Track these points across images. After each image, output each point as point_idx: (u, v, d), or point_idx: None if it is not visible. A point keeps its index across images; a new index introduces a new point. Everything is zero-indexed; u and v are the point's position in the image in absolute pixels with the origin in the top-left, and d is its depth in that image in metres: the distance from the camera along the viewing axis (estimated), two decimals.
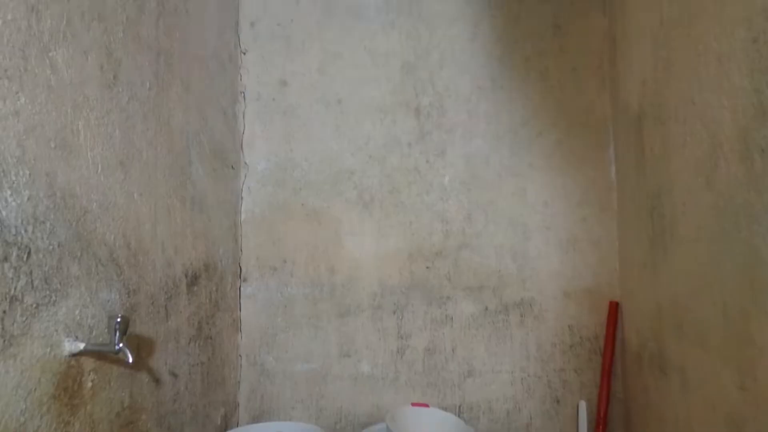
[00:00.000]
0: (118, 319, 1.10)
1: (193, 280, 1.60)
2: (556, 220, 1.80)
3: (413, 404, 1.75)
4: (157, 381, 1.41)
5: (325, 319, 1.88)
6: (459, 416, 1.76)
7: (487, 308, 1.82)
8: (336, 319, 1.87)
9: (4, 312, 0.95)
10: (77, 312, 1.12)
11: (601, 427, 1.65)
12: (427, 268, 1.85)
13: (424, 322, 1.84)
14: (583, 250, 1.78)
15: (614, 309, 1.72)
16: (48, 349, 1.04)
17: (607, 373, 1.69)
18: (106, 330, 1.19)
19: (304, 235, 1.90)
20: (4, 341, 0.95)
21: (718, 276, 0.92)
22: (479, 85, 1.86)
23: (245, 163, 1.93)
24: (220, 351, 1.76)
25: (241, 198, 1.92)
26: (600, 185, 1.78)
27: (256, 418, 1.89)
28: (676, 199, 1.11)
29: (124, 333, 1.11)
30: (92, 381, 1.17)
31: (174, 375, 1.50)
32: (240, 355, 1.90)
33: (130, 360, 1.08)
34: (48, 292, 1.05)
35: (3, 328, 0.95)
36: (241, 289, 1.91)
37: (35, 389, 1.02)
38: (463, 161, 1.85)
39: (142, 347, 1.36)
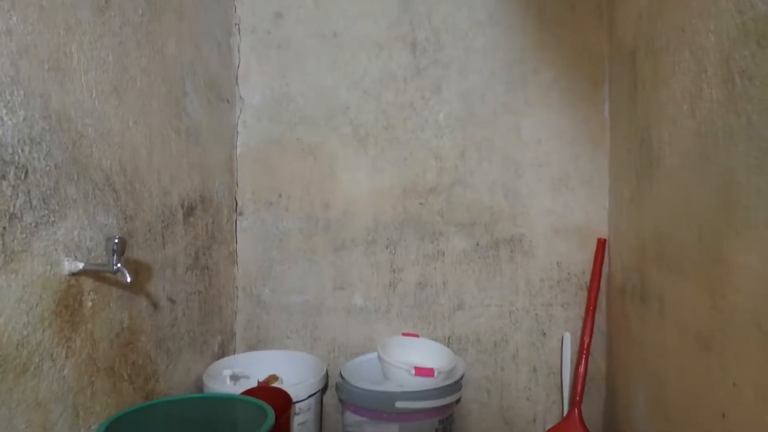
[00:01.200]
0: (116, 240, 1.13)
1: (189, 211, 1.63)
2: (549, 157, 1.82)
3: (404, 334, 1.81)
4: (155, 306, 1.46)
5: (319, 253, 1.92)
6: (448, 347, 1.82)
7: (478, 244, 1.85)
8: (330, 253, 1.92)
9: (4, 228, 0.98)
10: (75, 233, 1.15)
11: (584, 357, 1.71)
12: (421, 204, 1.87)
13: (417, 256, 1.88)
14: (575, 188, 1.80)
15: (602, 246, 1.76)
16: (48, 267, 1.08)
17: (592, 306, 1.74)
18: (104, 253, 1.22)
19: (300, 170, 1.92)
20: (5, 256, 0.98)
21: (696, 201, 0.94)
22: (476, 20, 1.84)
23: (240, 96, 1.93)
24: (216, 281, 1.81)
25: (237, 132, 1.93)
26: (594, 123, 1.79)
27: (252, 347, 1.95)
28: (663, 130, 1.13)
29: (121, 254, 1.14)
30: (92, 301, 1.21)
31: (172, 301, 1.54)
32: (236, 287, 1.95)
33: (128, 279, 1.12)
34: (46, 212, 1.08)
35: (3, 244, 0.98)
36: (237, 222, 1.94)
37: (37, 304, 1.06)
38: (459, 97, 1.85)
39: (140, 272, 1.40)
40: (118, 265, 1.14)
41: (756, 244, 0.72)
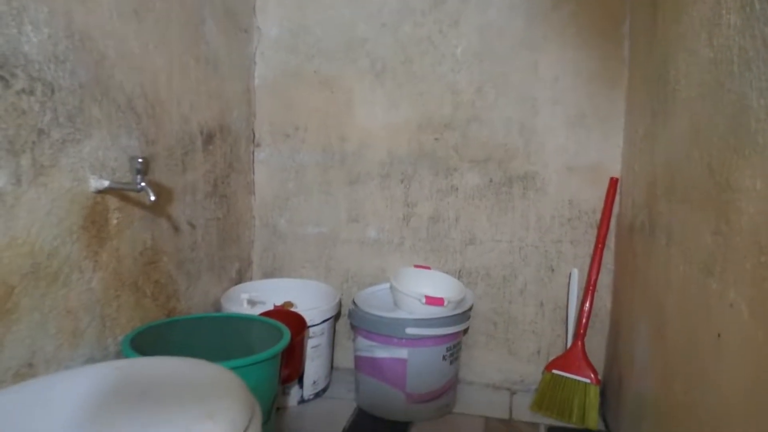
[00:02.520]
0: (140, 160, 1.17)
1: (208, 139, 1.66)
2: (566, 95, 1.81)
3: (416, 266, 1.86)
4: (176, 229, 1.52)
5: (335, 186, 1.95)
6: (458, 280, 1.87)
7: (491, 180, 1.87)
8: (345, 186, 1.95)
9: (33, 143, 1.02)
10: (100, 153, 1.20)
11: (590, 292, 1.76)
12: (436, 139, 1.89)
13: (430, 191, 1.91)
14: (590, 127, 1.80)
15: (614, 185, 1.77)
16: (75, 183, 1.13)
17: (600, 244, 1.77)
18: (128, 173, 1.27)
19: (316, 103, 1.93)
20: (35, 170, 1.03)
21: (708, 131, 0.95)
22: None
23: (258, 27, 1.93)
24: (234, 210, 1.86)
25: (254, 63, 1.94)
26: (612, 61, 1.77)
27: (268, 275, 2.02)
28: (680, 62, 1.12)
29: (145, 174, 1.18)
30: (117, 219, 1.26)
31: (192, 226, 1.60)
32: (254, 216, 2.00)
33: (152, 198, 1.16)
34: (72, 130, 1.11)
35: (33, 158, 1.02)
36: (255, 153, 1.98)
37: (65, 218, 1.11)
38: (477, 32, 1.83)
39: (162, 195, 1.45)
40: (142, 184, 1.18)
41: (761, 166, 0.74)
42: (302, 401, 1.76)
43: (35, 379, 0.86)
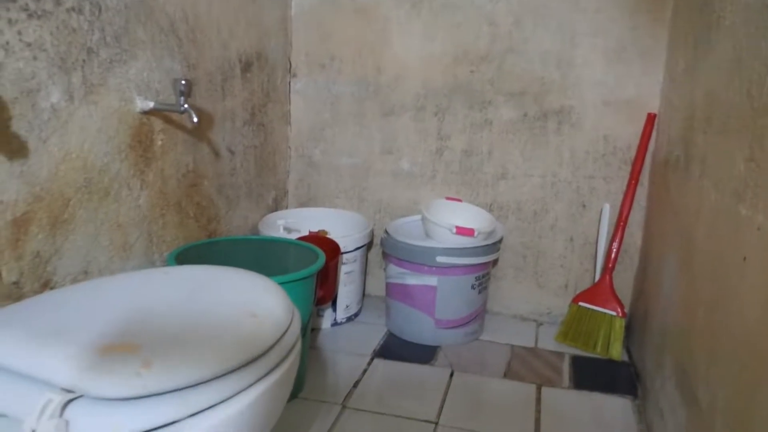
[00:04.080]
0: (183, 82, 1.20)
1: (246, 67, 1.69)
2: (606, 27, 1.77)
3: (447, 198, 1.89)
4: (216, 154, 1.57)
5: (369, 117, 1.97)
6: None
7: (526, 114, 1.87)
8: (380, 118, 1.97)
9: (84, 61, 1.06)
10: (145, 74, 1.24)
11: (621, 228, 1.77)
12: (471, 72, 1.88)
13: (464, 124, 1.92)
14: (630, 60, 1.77)
15: (651, 120, 1.75)
16: (123, 103, 1.17)
17: (634, 180, 1.76)
18: (171, 96, 1.31)
19: (352, 33, 1.93)
20: (86, 88, 1.08)
21: (749, 57, 0.94)
22: None
23: None
24: (271, 139, 1.90)
25: None
26: None
27: (303, 204, 2.08)
28: None
29: (188, 95, 1.22)
30: (161, 140, 1.31)
31: (231, 152, 1.65)
32: (289, 146, 2.04)
33: (195, 120, 1.21)
34: (119, 50, 1.15)
35: (84, 76, 1.07)
36: (291, 83, 2.00)
37: (114, 136, 1.16)
38: None
39: (203, 120, 1.49)
40: (185, 106, 1.22)
41: None
42: (335, 324, 1.84)
43: (93, 279, 0.93)
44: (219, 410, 0.69)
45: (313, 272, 1.34)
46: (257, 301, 0.84)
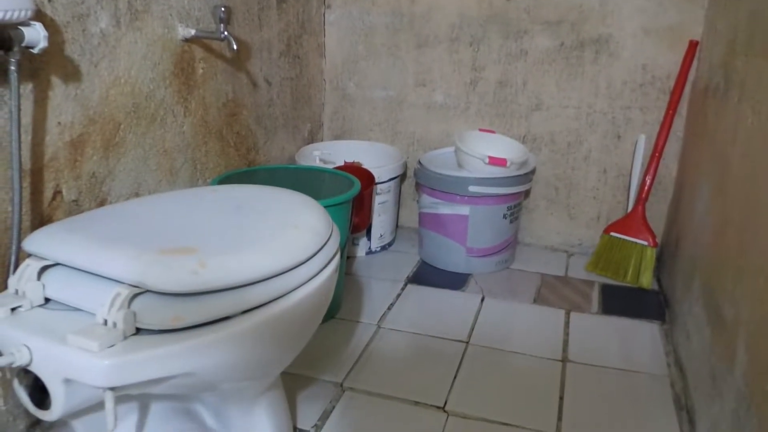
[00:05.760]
0: (223, 8, 1.23)
1: None
2: None
3: (480, 129, 1.90)
4: (254, 84, 1.60)
5: (403, 49, 1.97)
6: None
7: (562, 44, 1.84)
8: (414, 50, 1.96)
9: None
10: (186, 1, 1.26)
11: (656, 158, 1.76)
12: (507, 0, 1.85)
13: (499, 55, 1.90)
14: None
15: (692, 48, 1.71)
16: (165, 30, 1.21)
17: (672, 110, 1.74)
18: (211, 24, 1.34)
19: None
20: (131, 14, 1.11)
21: None
22: None
23: None
24: (306, 71, 1.92)
25: None
26: None
27: (338, 137, 2.11)
28: None
29: (227, 23, 1.25)
30: (202, 69, 1.35)
31: (268, 83, 1.68)
32: (324, 79, 2.06)
33: (234, 47, 1.24)
34: None
35: (129, 2, 1.10)
36: (325, 15, 2.00)
37: (159, 63, 1.21)
38: None
39: (241, 50, 1.52)
40: (225, 33, 1.25)
41: None
42: (369, 252, 1.91)
43: (147, 196, 0.99)
44: (266, 309, 0.76)
45: (349, 198, 1.39)
46: (299, 215, 0.89)
